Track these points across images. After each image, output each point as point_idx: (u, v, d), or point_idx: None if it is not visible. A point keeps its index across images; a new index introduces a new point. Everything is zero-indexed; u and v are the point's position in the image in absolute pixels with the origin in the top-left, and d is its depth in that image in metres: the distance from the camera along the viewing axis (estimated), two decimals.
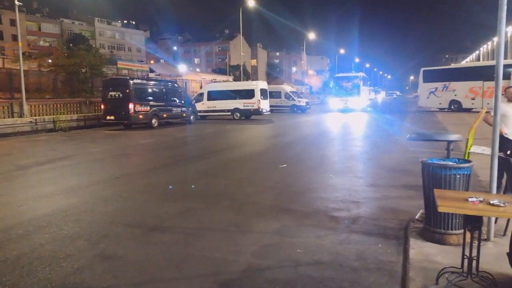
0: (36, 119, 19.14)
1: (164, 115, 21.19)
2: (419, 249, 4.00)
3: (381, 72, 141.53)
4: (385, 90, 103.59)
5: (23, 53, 21.81)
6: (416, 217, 4.88)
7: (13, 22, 56.20)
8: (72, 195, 6.84)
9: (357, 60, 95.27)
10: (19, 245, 4.56)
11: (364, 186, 7.19)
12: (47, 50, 45.28)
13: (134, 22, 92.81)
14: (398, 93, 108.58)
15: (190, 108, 23.66)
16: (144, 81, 22.16)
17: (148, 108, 19.90)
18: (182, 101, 23.03)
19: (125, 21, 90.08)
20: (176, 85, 24.76)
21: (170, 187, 7.28)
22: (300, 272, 3.74)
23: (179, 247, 4.43)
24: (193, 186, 7.33)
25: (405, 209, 5.53)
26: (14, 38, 51.99)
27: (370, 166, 9.15)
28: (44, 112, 20.61)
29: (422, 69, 30.04)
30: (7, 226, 5.19)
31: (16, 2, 19.44)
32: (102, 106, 20.04)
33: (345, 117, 27.14)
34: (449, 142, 4.40)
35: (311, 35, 54.62)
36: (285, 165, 9.18)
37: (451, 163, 4.08)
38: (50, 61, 28.03)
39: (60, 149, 13.12)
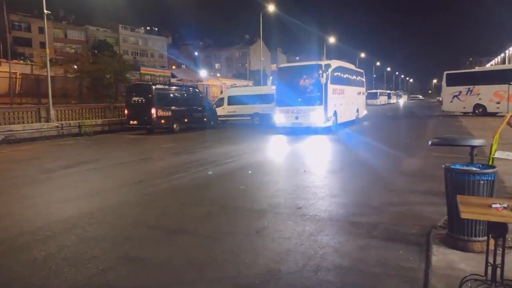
0: (62, 124, 19.69)
1: (185, 120, 21.46)
2: (441, 256, 3.94)
3: (402, 76, 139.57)
4: (407, 94, 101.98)
5: (50, 60, 22.48)
6: (440, 224, 4.81)
7: (41, 30, 58.19)
8: (97, 198, 7.02)
9: (378, 63, 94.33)
10: (46, 246, 4.72)
11: (385, 191, 7.11)
12: (73, 57, 46.59)
13: (156, 29, 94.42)
14: (420, 97, 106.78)
15: (211, 113, 23.88)
16: (166, 87, 22.53)
17: (170, 113, 20.20)
18: (203, 106, 23.28)
19: (148, 28, 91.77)
20: (197, 90, 25.06)
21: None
22: (320, 277, 3.74)
23: (200, 250, 4.49)
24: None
25: (427, 215, 5.45)
26: (42, 45, 53.65)
27: (391, 171, 9.04)
28: (70, 117, 21.19)
29: (446, 72, 29.42)
30: (36, 228, 5.37)
31: (45, 11, 20.09)
32: (126, 111, 20.47)
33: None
34: (473, 147, 4.33)
35: (331, 39, 54.33)
36: (304, 170, 9.16)
37: (474, 168, 4.01)
38: (75, 67, 28.82)
39: (85, 153, 13.48)
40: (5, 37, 41.18)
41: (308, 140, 15.73)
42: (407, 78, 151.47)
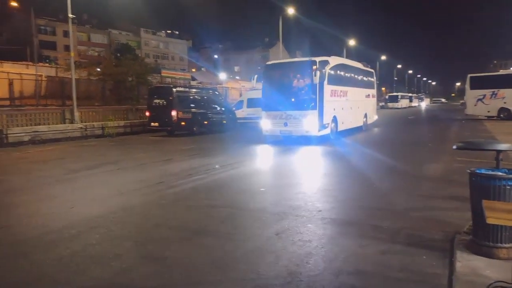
0: (86, 125, 20.15)
1: (205, 122, 21.64)
2: (466, 262, 3.87)
3: (424, 79, 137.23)
4: (429, 97, 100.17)
5: (74, 63, 23.06)
6: (464, 230, 4.72)
7: (65, 34, 59.61)
8: (120, 198, 7.17)
9: (399, 66, 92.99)
10: (72, 244, 4.85)
11: (407, 196, 7.03)
12: (96, 60, 47.62)
13: (177, 32, 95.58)
14: (443, 100, 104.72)
15: (230, 115, 24.01)
16: (187, 89, 22.79)
17: (190, 115, 20.42)
18: (222, 109, 23.43)
19: (169, 31, 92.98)
20: (216, 92, 25.24)
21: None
22: (342, 280, 3.73)
23: (221, 250, 4.53)
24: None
25: (451, 220, 5.36)
26: (66, 48, 55.04)
27: (414, 176, 8.91)
28: (93, 119, 21.66)
29: (469, 75, 28.77)
30: (62, 226, 5.53)
31: (70, 15, 20.63)
32: (147, 113, 20.79)
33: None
34: (499, 151, 4.24)
35: (351, 41, 53.84)
36: (325, 172, 9.13)
37: (500, 173, 3.94)
38: (99, 70, 29.46)
39: (108, 154, 13.76)
40: (32, 41, 42.44)
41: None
42: (430, 81, 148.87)
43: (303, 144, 14.56)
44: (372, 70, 24.40)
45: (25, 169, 10.84)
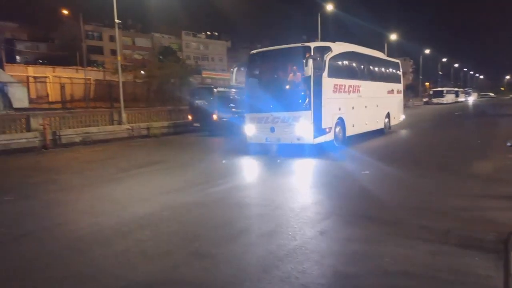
0: (132, 126, 20.93)
1: None
2: None
3: (471, 73, 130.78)
4: (476, 91, 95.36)
5: (120, 66, 24.03)
6: None
7: (112, 38, 62.14)
8: (167, 197, 7.43)
9: (444, 59, 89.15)
10: (124, 240, 5.11)
11: (455, 196, 6.77)
12: (140, 63, 49.30)
13: (216, 33, 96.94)
14: (491, 94, 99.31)
15: None
16: (227, 89, 23.10)
17: (230, 115, 20.68)
18: None
19: (209, 33, 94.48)
20: None
21: None
22: (389, 282, 3.69)
23: (265, 248, 4.59)
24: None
25: (504, 221, 5.13)
26: (113, 52, 57.33)
27: (463, 173, 8.56)
28: (139, 120, 22.47)
29: None
30: (113, 224, 5.82)
31: (116, 21, 21.52)
32: (189, 114, 21.30)
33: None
34: None
35: (393, 36, 52.18)
36: (367, 172, 8.98)
37: None
38: (143, 72, 30.54)
39: (154, 154, 14.25)
40: (81, 46, 44.69)
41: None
42: (477, 75, 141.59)
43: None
44: (398, 61, 20.37)
45: (77, 168, 11.45)
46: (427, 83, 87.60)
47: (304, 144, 11.68)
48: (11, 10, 77.46)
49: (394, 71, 19.01)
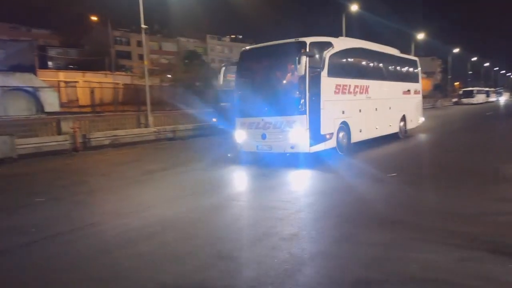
0: (158, 129, 21.30)
1: None
2: None
3: (503, 72, 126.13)
4: (508, 91, 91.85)
5: (147, 70, 24.51)
6: None
7: (139, 43, 63.49)
8: (191, 199, 7.53)
9: (474, 58, 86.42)
10: (150, 242, 5.19)
11: (482, 199, 6.53)
12: (167, 67, 50.12)
13: (240, 36, 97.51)
14: None
15: None
16: None
17: None
18: None
19: (233, 36, 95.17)
20: None
21: None
22: None
23: (288, 252, 4.56)
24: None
25: None
26: (140, 57, 58.58)
27: (492, 177, 8.25)
28: (165, 123, 22.84)
29: None
30: (140, 225, 5.93)
31: (142, 26, 21.98)
32: (215, 116, 21.53)
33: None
34: None
35: (420, 35, 50.86)
36: (395, 174, 8.79)
37: None
38: (169, 76, 31.08)
39: (180, 156, 14.45)
40: (109, 52, 45.94)
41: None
42: (508, 74, 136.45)
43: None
44: (415, 59, 18.54)
45: (105, 170, 11.74)
46: (456, 83, 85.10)
47: (291, 153, 10.38)
48: (43, 18, 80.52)
49: (411, 69, 17.51)
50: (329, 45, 11.15)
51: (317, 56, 10.47)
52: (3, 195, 8.97)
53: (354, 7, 34.53)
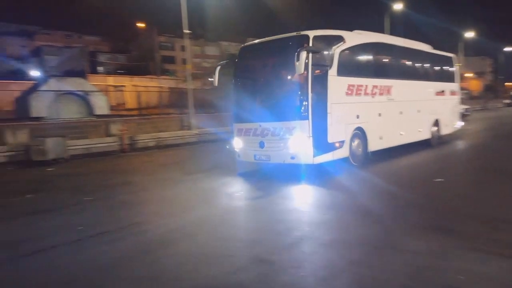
0: (201, 131, 21.71)
1: None
2: None
3: None
4: None
5: (190, 74, 25.09)
6: None
7: (183, 48, 65.15)
8: (229, 200, 7.61)
9: None
10: (187, 243, 5.29)
11: None
12: (209, 70, 51.13)
13: None
14: None
15: None
16: None
17: None
18: None
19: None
20: None
21: None
22: None
23: (326, 257, 4.48)
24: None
25: None
26: (184, 61, 60.08)
27: None
28: (208, 125, 23.19)
29: None
30: (179, 225, 6.07)
31: (185, 31, 22.54)
32: None
33: None
34: None
35: (468, 34, 48.27)
36: (442, 180, 8.41)
37: None
38: (211, 79, 31.62)
39: (220, 158, 14.60)
40: (155, 56, 47.54)
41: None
42: None
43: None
44: (452, 55, 16.14)
45: (150, 171, 12.13)
46: (508, 83, 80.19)
47: (292, 164, 9.07)
48: (94, 25, 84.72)
49: (445, 67, 15.54)
50: (339, 39, 9.74)
51: (323, 52, 9.20)
52: (54, 193, 9.51)
53: (398, 6, 33.43)
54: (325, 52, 9.24)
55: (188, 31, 22.65)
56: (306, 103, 8.59)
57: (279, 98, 9.25)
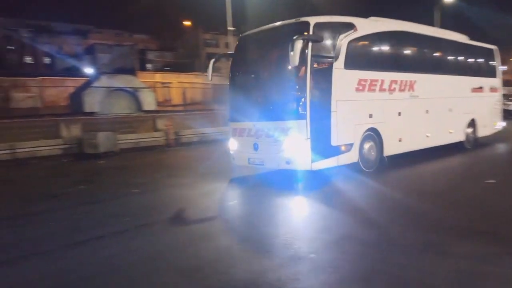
0: None
1: None
2: None
3: None
4: None
5: None
6: None
7: (227, 45, 65.90)
8: (270, 197, 7.65)
9: None
10: (227, 237, 5.42)
11: None
12: None
13: None
14: None
15: None
16: None
17: None
18: None
19: None
20: None
21: None
22: None
23: (368, 259, 4.39)
24: None
25: None
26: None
27: None
28: None
29: None
30: (222, 220, 6.23)
31: (229, 28, 22.81)
32: None
33: None
34: None
35: None
36: (493, 181, 7.98)
37: None
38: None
39: None
40: (200, 54, 48.48)
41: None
42: None
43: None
44: (492, 47, 14.20)
45: (193, 166, 12.48)
46: None
47: (297, 170, 8.02)
48: (143, 24, 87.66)
49: (485, 61, 13.87)
50: (349, 27, 8.51)
51: (327, 41, 8.07)
52: (105, 185, 10.02)
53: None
54: (330, 42, 8.13)
55: (232, 28, 22.89)
56: (304, 100, 7.53)
57: (274, 94, 8.29)
